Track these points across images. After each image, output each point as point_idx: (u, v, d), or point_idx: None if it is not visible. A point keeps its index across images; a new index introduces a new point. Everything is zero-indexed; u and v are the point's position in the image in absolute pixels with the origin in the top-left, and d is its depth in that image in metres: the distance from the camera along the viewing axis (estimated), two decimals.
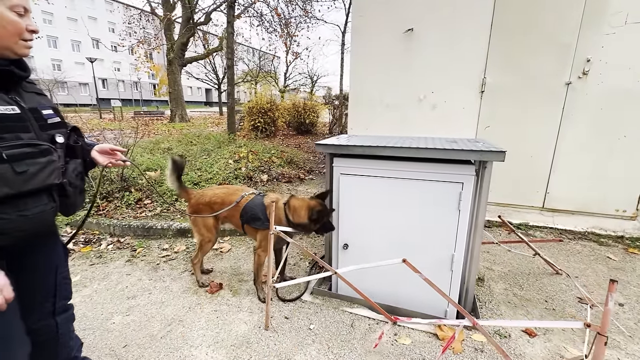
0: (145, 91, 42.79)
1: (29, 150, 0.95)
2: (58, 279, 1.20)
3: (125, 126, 11.13)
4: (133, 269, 2.66)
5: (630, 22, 2.93)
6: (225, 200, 2.19)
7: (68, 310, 1.29)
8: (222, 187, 2.35)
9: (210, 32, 19.33)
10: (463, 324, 1.40)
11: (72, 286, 1.33)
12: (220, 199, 2.21)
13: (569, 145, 3.34)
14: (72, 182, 1.11)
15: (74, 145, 1.17)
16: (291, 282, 1.90)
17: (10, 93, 0.98)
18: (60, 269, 1.22)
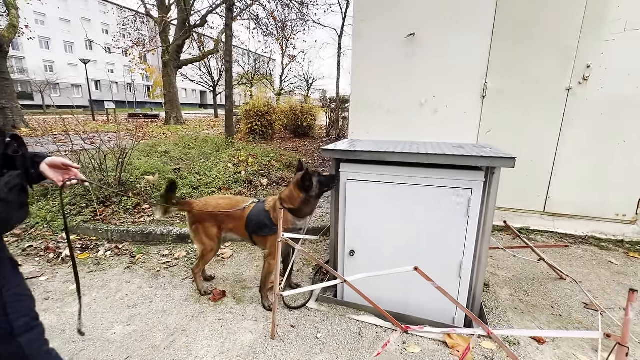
0: (139, 93, 42.47)
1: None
2: (5, 297, 1.08)
3: (120, 129, 11.02)
4: (133, 276, 2.59)
5: (630, 30, 2.97)
6: (232, 214, 2.16)
7: (34, 329, 1.16)
8: (224, 197, 2.31)
9: (206, 35, 19.30)
10: (478, 333, 1.37)
11: (69, 296, 1.26)
12: (223, 209, 2.17)
13: (569, 149, 3.36)
14: (3, 198, 1.00)
15: (14, 155, 1.07)
16: (299, 290, 1.86)
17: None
18: (7, 286, 1.10)
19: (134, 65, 18.73)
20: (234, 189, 4.04)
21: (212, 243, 2.21)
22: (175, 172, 4.30)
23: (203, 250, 2.23)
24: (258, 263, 2.84)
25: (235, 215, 2.14)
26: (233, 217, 2.15)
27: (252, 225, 2.10)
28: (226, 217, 2.16)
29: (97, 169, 3.66)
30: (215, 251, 2.27)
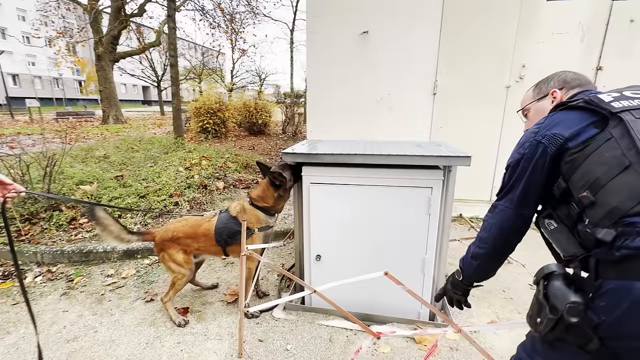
0: (69, 89, 37.75)
1: None
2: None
3: (47, 130, 9.70)
4: (71, 304, 2.27)
5: (556, 33, 3.30)
6: (189, 233, 2.03)
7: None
8: (181, 220, 2.16)
9: (145, 25, 17.75)
10: (447, 331, 1.41)
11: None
12: (183, 232, 2.04)
13: (509, 142, 3.65)
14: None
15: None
16: (268, 304, 1.77)
17: None
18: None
19: (60, 57, 16.59)
20: (187, 195, 3.76)
21: (182, 269, 2.05)
22: (118, 179, 3.87)
23: (174, 277, 2.06)
24: (219, 274, 2.67)
25: (199, 233, 2.03)
26: (197, 236, 2.03)
27: (223, 236, 2.00)
28: (189, 239, 2.04)
29: (19, 181, 3.14)
30: (188, 277, 2.10)
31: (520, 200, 0.99)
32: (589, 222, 0.79)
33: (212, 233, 2.01)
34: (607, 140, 0.80)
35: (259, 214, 2.05)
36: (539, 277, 0.84)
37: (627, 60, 3.28)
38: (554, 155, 0.91)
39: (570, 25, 3.30)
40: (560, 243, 0.91)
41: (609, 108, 0.84)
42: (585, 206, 0.80)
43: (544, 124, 0.97)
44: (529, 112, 1.25)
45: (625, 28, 3.23)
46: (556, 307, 0.76)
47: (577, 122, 0.89)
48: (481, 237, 1.09)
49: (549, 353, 0.88)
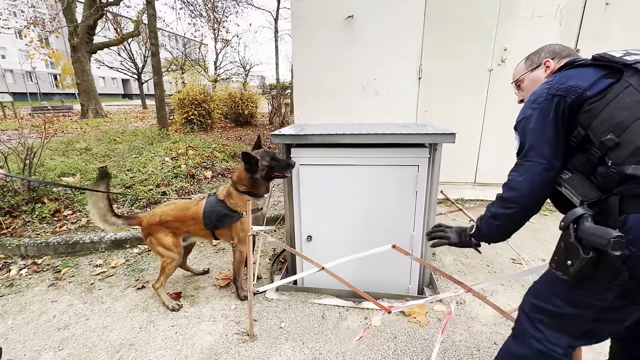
0: (44, 83, 36.09)
1: None
2: None
3: (22, 125, 9.31)
4: (60, 294, 2.24)
5: (536, 16, 3.37)
6: (177, 216, 2.01)
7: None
8: (169, 203, 2.13)
9: (123, 15, 17.08)
10: (458, 293, 1.48)
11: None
12: (171, 216, 2.01)
13: (492, 125, 3.76)
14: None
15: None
16: (275, 284, 1.76)
17: None
18: None
19: (32, 49, 15.81)
20: (175, 185, 3.72)
21: (171, 253, 2.03)
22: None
23: (163, 262, 2.03)
24: (210, 260, 2.67)
25: (187, 216, 2.00)
26: (185, 219, 2.01)
27: (211, 220, 1.97)
28: (178, 222, 2.01)
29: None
30: (178, 261, 2.07)
31: (550, 151, 0.98)
32: (613, 163, 0.84)
33: (201, 216, 1.99)
34: (625, 88, 0.86)
35: (246, 197, 2.00)
36: (568, 222, 0.87)
37: (603, 42, 3.40)
38: (573, 104, 0.94)
39: (549, 9, 3.38)
40: (578, 189, 0.93)
41: (622, 61, 0.90)
42: (609, 148, 0.85)
43: (554, 80, 1.00)
44: (523, 82, 1.29)
45: (601, 11, 3.33)
46: (592, 247, 0.80)
47: (591, 75, 0.95)
48: (506, 197, 1.06)
49: (571, 292, 0.92)
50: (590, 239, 0.80)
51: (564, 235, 0.89)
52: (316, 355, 1.67)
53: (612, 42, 3.40)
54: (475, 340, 1.76)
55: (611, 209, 0.84)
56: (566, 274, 0.87)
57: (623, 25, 3.34)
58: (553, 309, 0.97)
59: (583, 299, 0.91)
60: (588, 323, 0.93)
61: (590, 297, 0.89)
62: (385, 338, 1.79)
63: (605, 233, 0.77)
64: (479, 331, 1.83)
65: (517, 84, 1.33)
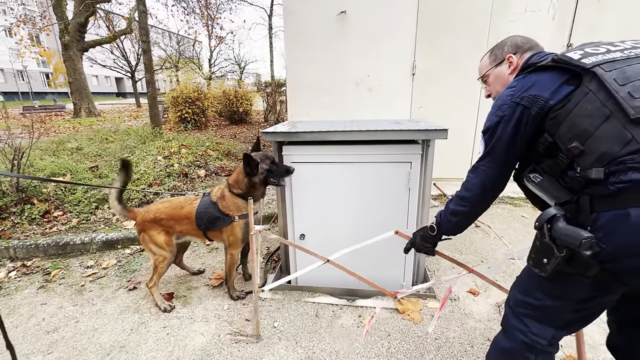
0: (36, 82, 35.57)
1: None
2: None
3: (13, 124, 9.18)
4: (49, 297, 2.21)
5: (529, 11, 3.36)
6: (171, 214, 1.98)
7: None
8: (164, 201, 2.10)
9: (115, 12, 16.87)
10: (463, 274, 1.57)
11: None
12: (165, 214, 1.98)
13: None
14: None
15: None
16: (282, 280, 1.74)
17: None
18: None
19: (23, 47, 15.55)
20: (167, 184, 3.68)
21: (163, 252, 2.00)
22: (93, 170, 3.73)
23: (155, 260, 2.01)
24: (203, 260, 2.65)
25: (181, 215, 1.97)
26: (179, 218, 1.98)
27: (203, 221, 1.94)
28: (172, 221, 1.99)
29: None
30: (170, 260, 2.05)
31: (503, 159, 1.05)
32: (580, 168, 0.87)
33: (194, 216, 1.96)
34: (585, 95, 0.87)
35: (239, 200, 1.95)
36: (542, 222, 0.90)
37: (596, 35, 3.37)
38: (537, 115, 0.96)
39: (542, 3, 3.36)
40: (550, 192, 0.98)
41: (581, 65, 0.89)
42: (575, 155, 0.88)
43: (517, 87, 1.02)
44: (489, 78, 1.31)
45: (594, 3, 3.32)
46: (565, 246, 0.84)
47: (552, 82, 0.95)
48: (462, 196, 1.15)
49: (550, 286, 0.97)
50: (563, 239, 0.84)
51: (539, 234, 0.92)
52: (309, 355, 1.66)
53: (606, 35, 3.36)
54: (468, 337, 1.76)
55: (583, 208, 0.88)
56: (543, 271, 0.91)
57: (616, 18, 3.34)
58: (535, 302, 1.02)
59: (562, 292, 0.96)
60: (569, 314, 0.98)
61: (568, 289, 0.94)
62: (379, 336, 1.78)
63: (576, 234, 0.81)
64: (473, 327, 1.83)
65: (484, 79, 1.36)
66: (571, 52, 0.96)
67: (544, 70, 1.00)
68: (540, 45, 1.21)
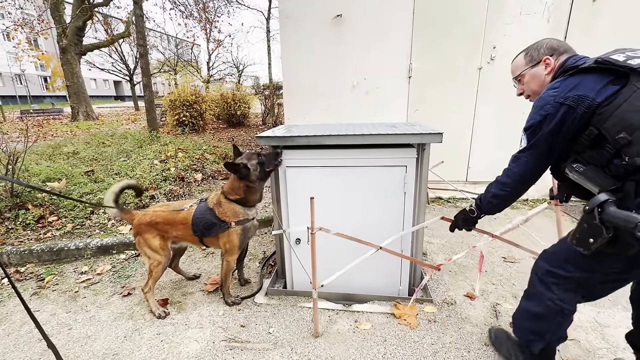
0: (34, 85, 35.50)
1: None
2: None
3: (10, 129, 9.16)
4: (43, 303, 2.18)
5: (524, 13, 3.37)
6: (168, 219, 1.96)
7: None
8: (162, 204, 2.10)
9: (113, 16, 16.89)
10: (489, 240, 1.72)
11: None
12: (161, 218, 1.96)
13: (482, 123, 3.75)
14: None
15: None
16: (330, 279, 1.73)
17: None
18: None
19: (21, 51, 15.53)
20: (164, 188, 3.66)
21: (158, 256, 1.98)
22: (88, 174, 3.71)
23: (150, 264, 1.99)
24: (199, 265, 2.63)
25: (177, 220, 1.96)
26: (175, 223, 1.96)
27: (200, 227, 1.92)
28: (168, 225, 1.97)
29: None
30: (164, 265, 2.02)
31: (543, 152, 1.19)
32: (628, 157, 0.98)
33: (190, 222, 1.94)
34: (634, 92, 0.98)
35: (235, 206, 1.93)
36: (594, 206, 1.00)
37: (591, 38, 3.40)
38: (584, 114, 1.06)
39: (537, 6, 3.37)
40: (595, 180, 1.08)
41: (628, 65, 1.01)
42: (622, 145, 0.98)
43: (560, 88, 1.12)
44: (524, 77, 1.38)
45: (588, 6, 3.33)
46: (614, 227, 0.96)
47: (597, 83, 1.06)
48: (504, 182, 1.33)
49: (584, 261, 1.12)
50: (617, 222, 0.95)
51: (588, 217, 1.03)
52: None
53: (601, 37, 3.40)
54: (465, 342, 1.74)
55: (628, 194, 0.99)
56: (587, 249, 1.03)
57: (611, 20, 3.35)
58: (563, 273, 1.20)
59: (594, 267, 1.12)
60: (596, 285, 1.18)
61: (601, 265, 1.10)
62: (374, 342, 1.76)
63: (633, 218, 0.92)
64: (470, 332, 1.81)
65: (518, 79, 1.42)
66: (615, 55, 1.05)
67: (585, 72, 1.10)
68: (573, 49, 1.29)
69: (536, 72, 1.33)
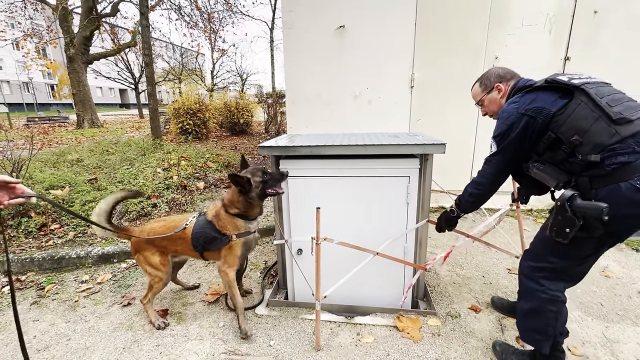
0: (41, 93, 36.11)
1: None
2: None
3: (16, 136, 9.27)
4: (42, 313, 2.17)
5: (526, 25, 3.39)
6: (171, 235, 1.87)
7: None
8: (159, 220, 2.02)
9: (120, 26, 17.22)
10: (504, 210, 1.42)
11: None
12: (160, 234, 1.88)
13: (485, 133, 3.74)
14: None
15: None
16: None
17: None
18: None
19: (29, 60, 15.84)
20: (166, 196, 3.66)
21: (158, 272, 1.93)
22: (91, 182, 3.73)
23: (150, 280, 1.95)
24: (199, 274, 2.61)
25: (175, 235, 1.86)
26: (173, 238, 1.88)
27: (200, 242, 1.85)
28: (166, 241, 1.90)
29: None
30: (165, 280, 1.97)
31: (511, 156, 1.41)
32: (580, 155, 1.21)
33: (189, 237, 1.86)
34: (579, 104, 1.23)
35: (236, 220, 1.85)
36: (564, 201, 1.20)
37: (593, 50, 3.42)
38: (544, 122, 1.29)
39: (538, 18, 3.40)
40: (552, 176, 1.31)
41: (572, 84, 1.26)
42: (576, 145, 1.22)
43: (520, 102, 1.36)
44: (484, 101, 1.68)
45: (589, 19, 3.35)
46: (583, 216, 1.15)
47: (550, 97, 1.31)
48: (478, 182, 1.53)
49: (564, 249, 1.29)
50: (586, 211, 1.15)
51: (560, 211, 1.21)
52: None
53: (603, 49, 3.41)
54: (470, 357, 1.70)
55: (585, 187, 1.22)
56: (565, 238, 1.22)
57: (612, 32, 3.37)
58: (549, 265, 1.37)
59: (573, 252, 1.30)
60: (575, 269, 1.37)
61: (578, 249, 1.29)
62: (377, 356, 1.72)
63: (597, 206, 1.12)
64: (475, 347, 1.77)
65: (480, 103, 1.72)
66: (560, 76, 1.32)
67: (538, 90, 1.36)
68: (518, 74, 1.59)
69: (492, 97, 1.62)
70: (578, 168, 1.22)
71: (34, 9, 14.02)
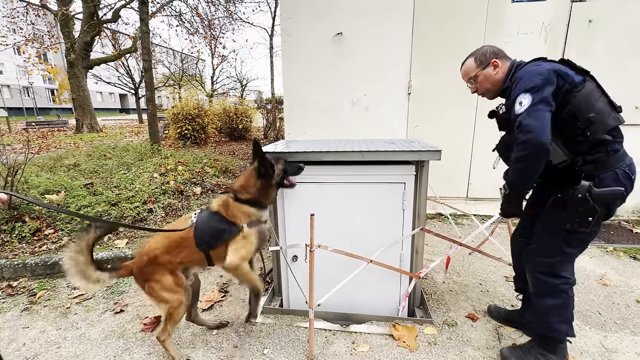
0: (41, 98, 36.17)
1: None
2: None
3: (12, 140, 9.25)
4: (33, 320, 2.13)
5: (522, 33, 3.43)
6: (165, 245, 1.64)
7: None
8: (151, 236, 1.84)
9: (120, 32, 17.34)
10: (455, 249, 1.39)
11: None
12: (158, 249, 1.63)
13: (482, 139, 3.75)
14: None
15: None
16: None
17: None
18: None
19: (30, 65, 15.90)
20: (162, 201, 3.64)
21: (176, 295, 1.61)
22: (87, 187, 3.71)
23: (168, 309, 1.62)
24: None
25: (175, 241, 1.63)
26: (175, 245, 1.63)
27: (205, 239, 1.61)
28: (168, 254, 1.62)
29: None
30: (186, 303, 1.68)
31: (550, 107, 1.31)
32: (590, 133, 1.30)
33: (191, 236, 1.61)
34: (591, 88, 1.34)
35: (246, 207, 1.67)
36: (584, 193, 1.28)
37: (588, 59, 3.44)
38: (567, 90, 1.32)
39: (534, 26, 3.43)
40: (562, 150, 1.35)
41: (583, 68, 1.39)
42: (591, 123, 1.29)
43: (544, 65, 1.38)
44: (478, 77, 1.64)
45: (584, 28, 3.39)
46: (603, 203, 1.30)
47: (569, 70, 1.36)
48: (524, 139, 1.29)
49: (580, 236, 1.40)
50: (607, 197, 1.29)
51: (581, 203, 1.30)
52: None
53: (598, 57, 3.44)
54: None
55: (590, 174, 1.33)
56: (588, 227, 1.32)
57: (607, 41, 3.40)
58: (565, 256, 1.47)
59: (587, 238, 1.42)
60: (581, 252, 1.49)
61: (590, 234, 1.39)
62: None
63: (619, 190, 1.28)
64: (472, 356, 1.75)
65: (473, 80, 1.68)
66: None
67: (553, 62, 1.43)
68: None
69: (487, 72, 1.60)
70: (585, 147, 1.31)
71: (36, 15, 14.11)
